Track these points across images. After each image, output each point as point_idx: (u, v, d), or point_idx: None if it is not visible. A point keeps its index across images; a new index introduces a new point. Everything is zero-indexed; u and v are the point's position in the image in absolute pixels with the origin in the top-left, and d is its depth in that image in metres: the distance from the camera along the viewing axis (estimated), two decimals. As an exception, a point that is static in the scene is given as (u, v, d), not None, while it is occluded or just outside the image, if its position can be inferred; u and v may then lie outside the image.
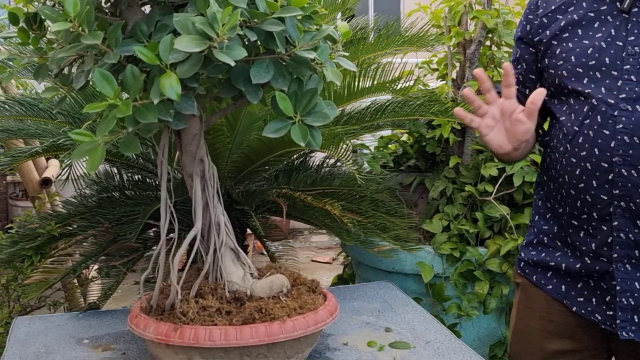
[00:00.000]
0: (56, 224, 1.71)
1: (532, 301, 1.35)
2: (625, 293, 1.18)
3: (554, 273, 1.29)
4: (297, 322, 1.08)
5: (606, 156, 1.15)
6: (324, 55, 1.03)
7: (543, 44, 1.25)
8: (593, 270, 1.21)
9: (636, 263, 1.17)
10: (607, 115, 1.14)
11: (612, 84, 1.15)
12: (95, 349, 1.26)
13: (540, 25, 1.26)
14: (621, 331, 1.19)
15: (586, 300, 1.24)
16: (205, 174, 1.15)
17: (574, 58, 1.19)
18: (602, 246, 1.19)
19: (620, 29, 1.16)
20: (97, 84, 0.90)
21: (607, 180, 1.15)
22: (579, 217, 1.22)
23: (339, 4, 2.03)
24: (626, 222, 1.16)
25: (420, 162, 2.39)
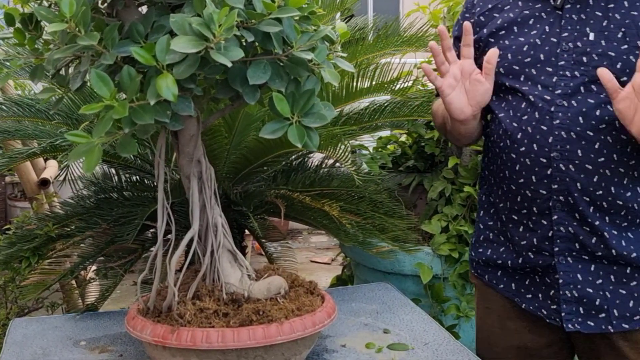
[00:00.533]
0: (54, 225, 1.71)
1: (489, 301, 1.37)
2: (569, 285, 1.20)
3: (503, 271, 1.32)
4: (294, 323, 1.07)
5: (544, 151, 1.17)
6: (321, 56, 1.03)
7: (481, 42, 1.27)
8: (537, 265, 1.24)
9: (577, 256, 1.19)
10: (544, 111, 1.17)
11: (548, 80, 1.17)
12: (93, 351, 1.26)
13: (477, 24, 1.29)
14: (566, 323, 1.21)
15: (534, 296, 1.27)
16: (203, 175, 1.15)
17: (511, 56, 1.22)
18: (543, 240, 1.21)
19: (554, 25, 1.18)
20: (93, 84, 0.89)
21: (545, 175, 1.18)
22: (519, 212, 1.24)
23: (337, 4, 2.03)
24: (565, 216, 1.18)
25: (419, 162, 2.39)
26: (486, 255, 1.34)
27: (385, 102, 1.95)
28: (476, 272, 1.39)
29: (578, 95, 1.15)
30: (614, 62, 1.13)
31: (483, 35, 1.27)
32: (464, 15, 1.33)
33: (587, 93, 1.15)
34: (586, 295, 1.20)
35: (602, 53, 1.14)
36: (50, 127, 1.66)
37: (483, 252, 1.35)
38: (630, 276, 1.19)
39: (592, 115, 1.14)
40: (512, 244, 1.27)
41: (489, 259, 1.34)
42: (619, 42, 1.13)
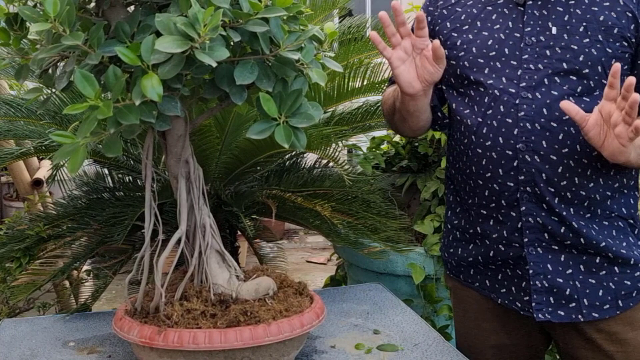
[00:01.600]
0: (45, 225, 1.70)
1: (464, 303, 1.39)
2: (539, 276, 1.22)
3: (475, 269, 1.33)
4: (282, 325, 1.07)
5: (510, 144, 1.18)
6: (308, 56, 1.03)
7: (443, 35, 1.28)
8: (507, 258, 1.25)
9: (546, 246, 1.21)
10: (510, 104, 1.18)
11: (513, 74, 1.19)
12: (81, 352, 1.25)
13: (440, 16, 1.30)
14: (537, 313, 1.22)
15: (507, 290, 1.28)
16: (191, 175, 1.14)
17: (475, 49, 1.23)
18: (512, 232, 1.23)
19: (517, 21, 1.20)
20: (78, 85, 0.89)
21: (512, 167, 1.19)
22: (487, 206, 1.25)
23: (330, 4, 2.02)
24: (533, 207, 1.20)
25: (413, 162, 2.39)
26: (457, 255, 1.35)
27: (378, 102, 1.94)
28: (451, 273, 1.40)
29: (542, 88, 1.17)
30: (577, 55, 1.16)
31: (445, 29, 1.28)
32: (427, 8, 1.34)
33: (551, 85, 1.17)
34: (556, 285, 1.21)
35: (565, 46, 1.16)
36: (41, 127, 1.66)
37: (454, 252, 1.36)
38: (599, 265, 1.21)
39: (556, 107, 1.15)
40: (482, 239, 1.29)
41: (460, 258, 1.35)
42: (581, 36, 1.16)
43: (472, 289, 1.35)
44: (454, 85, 1.28)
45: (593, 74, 1.15)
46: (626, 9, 1.17)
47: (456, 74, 1.27)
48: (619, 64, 1.05)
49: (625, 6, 1.17)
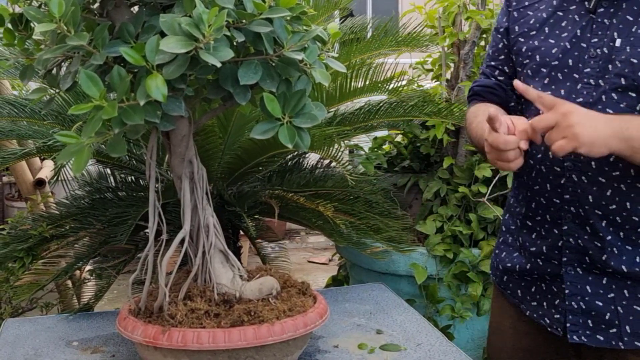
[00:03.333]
0: (48, 225, 1.70)
1: (502, 301, 1.36)
2: (575, 297, 1.17)
3: (510, 276, 1.30)
4: (286, 324, 1.07)
5: (559, 160, 1.14)
6: (312, 56, 1.03)
7: (511, 40, 1.24)
8: (545, 273, 1.21)
9: (586, 268, 1.16)
10: None
11: (572, 87, 1.13)
12: (85, 351, 1.26)
13: (511, 19, 1.25)
14: (571, 335, 1.18)
15: (538, 304, 1.24)
16: (194, 175, 1.14)
17: (539, 57, 1.18)
18: (552, 249, 1.19)
19: (585, 30, 1.13)
20: (82, 85, 0.89)
21: (559, 184, 1.15)
22: (533, 218, 1.22)
23: (332, 4, 2.02)
24: (575, 227, 1.15)
25: (415, 163, 2.39)
26: (500, 258, 1.32)
27: (380, 102, 1.95)
28: (493, 273, 1.38)
29: (598, 105, 1.10)
30: (636, 69, 1.07)
31: (514, 34, 1.23)
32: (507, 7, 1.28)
33: (607, 102, 1.09)
34: (595, 308, 1.16)
35: (625, 60, 1.08)
36: (44, 127, 1.66)
37: (498, 254, 1.33)
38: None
39: None
40: (523, 250, 1.25)
41: (500, 262, 1.32)
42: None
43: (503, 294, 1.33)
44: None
45: None
46: None
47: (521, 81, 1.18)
48: None
49: None
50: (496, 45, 1.30)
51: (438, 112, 1.97)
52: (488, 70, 1.33)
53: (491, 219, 2.07)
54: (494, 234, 2.10)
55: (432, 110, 1.96)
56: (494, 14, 2.24)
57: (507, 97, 1.29)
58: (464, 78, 2.23)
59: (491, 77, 1.32)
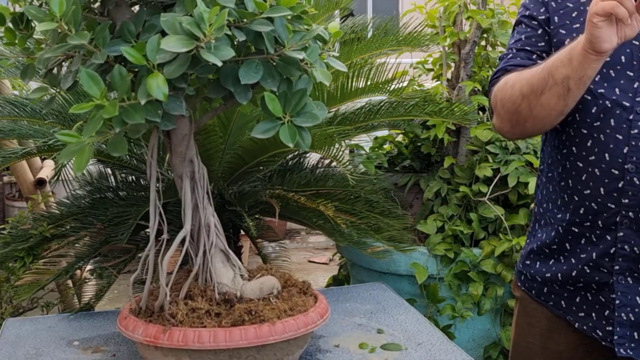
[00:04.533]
0: (49, 224, 1.70)
1: (531, 317, 1.28)
2: (625, 308, 1.12)
3: (550, 287, 1.23)
4: (287, 324, 1.07)
5: (617, 162, 1.08)
6: (313, 56, 1.03)
7: (551, 31, 1.15)
8: (592, 281, 1.15)
9: (638, 277, 1.11)
10: (622, 118, 1.07)
11: (628, 85, 1.07)
12: (86, 351, 1.25)
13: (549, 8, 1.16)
14: (618, 348, 1.12)
15: (587, 315, 1.18)
16: (195, 174, 1.14)
17: None
18: (603, 256, 1.13)
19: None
20: (83, 84, 0.89)
21: (616, 188, 1.09)
22: (581, 224, 1.15)
23: (333, 4, 2.02)
24: (632, 234, 1.09)
25: (416, 162, 2.39)
26: (535, 269, 1.25)
27: (381, 102, 1.95)
28: (523, 285, 1.30)
29: None
30: None
31: (553, 24, 1.14)
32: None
33: None
34: None
35: None
36: (45, 126, 1.66)
37: (531, 265, 1.26)
38: None
39: None
40: (568, 257, 1.18)
41: (536, 273, 1.25)
42: None
43: (544, 306, 1.25)
44: None
45: None
46: None
47: None
48: None
49: None
50: (533, 32, 1.19)
51: (439, 112, 1.97)
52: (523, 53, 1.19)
53: (492, 218, 2.07)
54: (495, 233, 2.10)
55: (433, 110, 1.96)
56: (494, 14, 2.24)
57: None
58: (464, 77, 2.22)
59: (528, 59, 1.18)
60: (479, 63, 2.28)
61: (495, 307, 2.06)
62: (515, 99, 1.13)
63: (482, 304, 2.01)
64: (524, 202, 2.07)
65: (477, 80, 2.21)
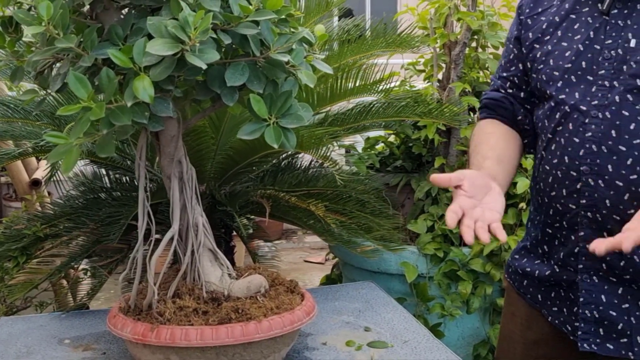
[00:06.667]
0: (42, 224, 1.72)
1: (514, 307, 1.33)
2: (589, 305, 1.15)
3: (530, 281, 1.27)
4: (273, 321, 1.09)
5: (575, 165, 1.12)
6: (298, 58, 1.05)
7: (526, 47, 1.23)
8: (561, 280, 1.19)
9: (603, 276, 1.13)
10: (578, 122, 1.11)
11: (587, 90, 1.12)
12: (76, 349, 1.27)
13: (525, 26, 1.24)
14: (582, 343, 1.16)
15: (559, 310, 1.22)
16: (184, 175, 1.16)
17: (552, 61, 1.17)
18: (569, 256, 1.17)
19: (599, 31, 1.12)
20: (71, 86, 0.91)
21: (575, 189, 1.12)
22: (552, 225, 1.19)
23: (323, 6, 2.04)
24: (592, 233, 1.12)
25: (407, 162, 2.41)
26: (521, 264, 1.29)
27: (371, 103, 1.97)
28: (509, 277, 1.35)
29: (613, 107, 1.08)
30: None
31: (528, 40, 1.22)
32: (518, 16, 1.28)
33: (622, 104, 1.08)
34: (608, 317, 1.13)
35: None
36: (38, 127, 1.68)
37: (519, 259, 1.31)
38: None
39: (626, 129, 1.07)
40: (545, 257, 1.24)
41: (520, 266, 1.29)
42: None
43: (523, 298, 1.30)
44: (538, 97, 1.22)
45: None
46: None
47: (536, 87, 1.21)
48: None
49: None
50: (508, 55, 1.29)
51: (429, 113, 1.99)
52: (499, 82, 1.31)
53: (482, 218, 2.09)
54: (484, 232, 2.11)
55: (423, 111, 1.98)
56: (484, 15, 2.26)
57: (514, 110, 1.28)
58: (454, 79, 2.25)
59: (500, 90, 1.31)
60: (469, 64, 2.30)
61: (484, 305, 2.08)
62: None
63: (471, 303, 2.04)
64: (512, 201, 2.09)
65: (467, 81, 2.23)
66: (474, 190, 1.05)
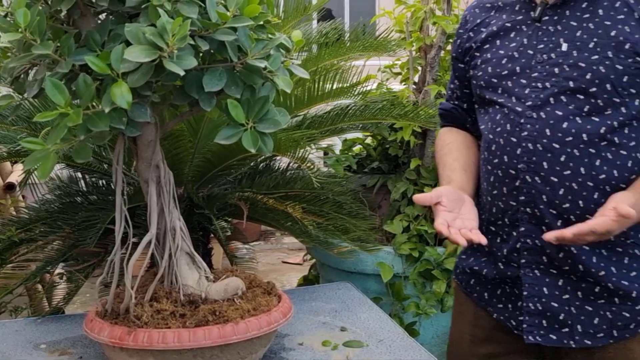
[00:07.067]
0: (17, 229, 1.70)
1: (462, 306, 1.39)
2: (533, 298, 1.20)
3: (477, 280, 1.33)
4: (250, 323, 1.10)
5: (513, 163, 1.19)
6: (275, 64, 1.06)
7: (470, 57, 1.31)
8: (506, 276, 1.25)
9: (544, 269, 1.19)
10: (515, 122, 1.18)
11: (521, 92, 1.19)
12: (52, 354, 1.27)
13: (467, 39, 1.32)
14: (527, 335, 1.21)
15: (504, 306, 1.27)
16: (161, 179, 1.17)
17: (490, 68, 1.24)
18: (512, 252, 1.22)
19: (532, 37, 1.20)
20: (48, 93, 0.91)
21: (514, 186, 1.19)
22: (495, 223, 1.25)
23: (301, 10, 2.06)
24: (532, 228, 1.18)
25: (384, 164, 2.44)
26: (468, 263, 1.35)
27: (348, 105, 1.99)
28: (457, 277, 1.41)
29: (547, 107, 1.15)
30: (584, 73, 1.13)
31: (470, 50, 1.30)
32: (458, 31, 1.36)
33: (556, 104, 1.15)
34: (550, 309, 1.20)
35: (573, 64, 1.14)
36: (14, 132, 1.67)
37: (466, 260, 1.36)
38: (598, 294, 1.18)
39: (559, 127, 1.14)
40: (489, 255, 1.29)
41: (468, 267, 1.35)
42: (589, 53, 1.13)
43: (470, 297, 1.35)
44: (479, 103, 1.30)
45: (601, 92, 1.11)
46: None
47: (476, 93, 1.29)
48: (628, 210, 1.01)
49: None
50: (453, 71, 1.40)
51: (405, 115, 2.02)
52: (449, 92, 1.42)
53: (456, 219, 2.13)
54: (459, 233, 2.15)
55: (399, 113, 2.01)
56: (459, 19, 2.30)
57: (462, 119, 1.39)
58: (430, 81, 2.28)
59: (450, 101, 1.42)
60: (445, 67, 2.34)
61: (459, 304, 2.12)
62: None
63: (445, 301, 2.07)
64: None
65: (443, 84, 2.27)
66: (451, 204, 1.17)
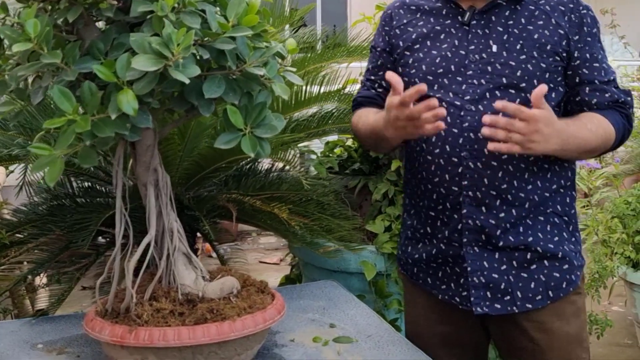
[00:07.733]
0: (6, 232, 1.72)
1: (413, 294, 1.52)
2: (476, 272, 1.35)
3: (419, 266, 1.46)
4: (246, 321, 1.15)
5: (456, 151, 1.32)
6: (272, 72, 1.11)
7: (397, 54, 1.42)
8: (448, 255, 1.38)
9: (483, 246, 1.34)
10: (455, 115, 1.31)
11: (458, 88, 1.32)
12: (50, 353, 1.30)
13: (394, 36, 1.43)
14: (475, 307, 1.35)
15: (447, 286, 1.41)
16: (159, 182, 1.21)
17: (425, 67, 1.36)
18: (453, 232, 1.36)
19: (462, 40, 1.34)
20: (56, 100, 0.95)
21: (457, 173, 1.32)
22: (435, 208, 1.38)
23: (287, 17, 2.11)
24: (473, 210, 1.33)
25: (365, 165, 2.50)
26: (408, 253, 1.48)
27: (332, 109, 2.05)
28: (403, 269, 1.53)
29: (484, 100, 1.30)
30: (515, 70, 1.30)
31: (399, 48, 1.41)
32: (384, 28, 1.46)
33: (492, 98, 1.29)
34: (492, 280, 1.34)
35: (504, 62, 1.30)
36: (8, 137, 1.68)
37: (405, 250, 1.49)
38: (530, 260, 1.34)
39: None
40: (430, 239, 1.41)
41: (409, 256, 1.47)
42: (518, 53, 1.30)
43: (416, 284, 1.48)
44: None
45: (530, 87, 1.27)
46: (558, 27, 1.32)
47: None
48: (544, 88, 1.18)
49: (557, 25, 1.32)
50: (375, 62, 1.48)
51: (386, 119, 2.09)
52: (369, 83, 1.51)
53: (436, 218, 2.20)
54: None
55: (380, 117, 2.08)
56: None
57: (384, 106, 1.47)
58: (409, 86, 2.35)
59: (371, 89, 1.50)
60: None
61: (439, 301, 2.20)
62: (364, 137, 1.48)
63: (427, 299, 2.14)
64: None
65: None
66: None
